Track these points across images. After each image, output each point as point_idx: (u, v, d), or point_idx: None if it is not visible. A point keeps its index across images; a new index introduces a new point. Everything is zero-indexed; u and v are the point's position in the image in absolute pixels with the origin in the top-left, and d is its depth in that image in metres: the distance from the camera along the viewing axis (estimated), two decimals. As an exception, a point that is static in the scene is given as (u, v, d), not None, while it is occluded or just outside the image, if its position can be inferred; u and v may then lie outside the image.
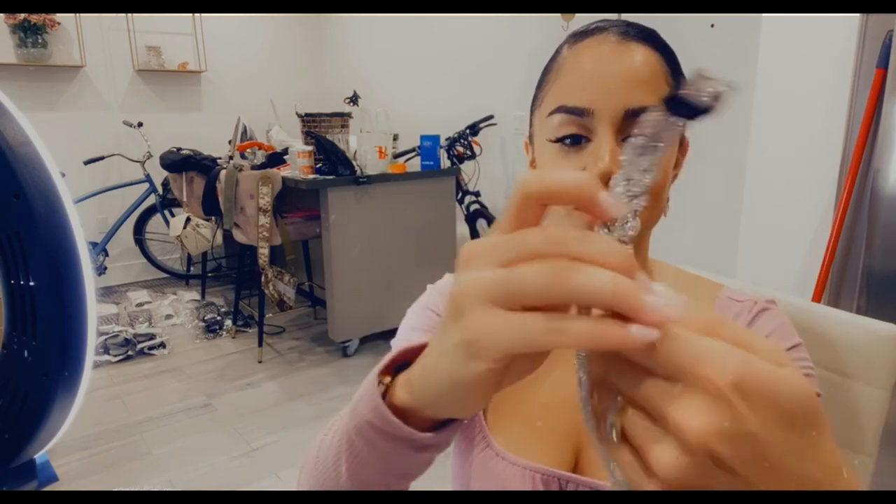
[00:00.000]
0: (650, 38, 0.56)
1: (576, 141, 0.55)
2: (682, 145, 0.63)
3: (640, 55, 0.55)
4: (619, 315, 0.25)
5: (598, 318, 0.25)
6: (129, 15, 4.05)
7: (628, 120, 0.53)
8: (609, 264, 0.25)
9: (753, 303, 0.62)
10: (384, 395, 0.37)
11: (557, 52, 0.60)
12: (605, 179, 0.52)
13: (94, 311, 0.54)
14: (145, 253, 4.29)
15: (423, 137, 3.13)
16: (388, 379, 0.38)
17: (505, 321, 0.27)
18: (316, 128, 3.06)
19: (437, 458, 0.41)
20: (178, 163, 3.49)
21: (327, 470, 0.45)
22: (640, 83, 0.53)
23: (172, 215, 4.05)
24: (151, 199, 4.11)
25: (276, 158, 3.15)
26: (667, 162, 0.56)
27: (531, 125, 0.63)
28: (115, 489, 1.99)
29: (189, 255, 4.21)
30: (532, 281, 0.26)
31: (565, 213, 0.30)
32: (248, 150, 3.33)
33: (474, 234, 3.37)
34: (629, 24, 0.57)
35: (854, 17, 1.58)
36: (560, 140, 0.56)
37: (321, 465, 0.46)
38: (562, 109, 0.55)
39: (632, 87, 0.53)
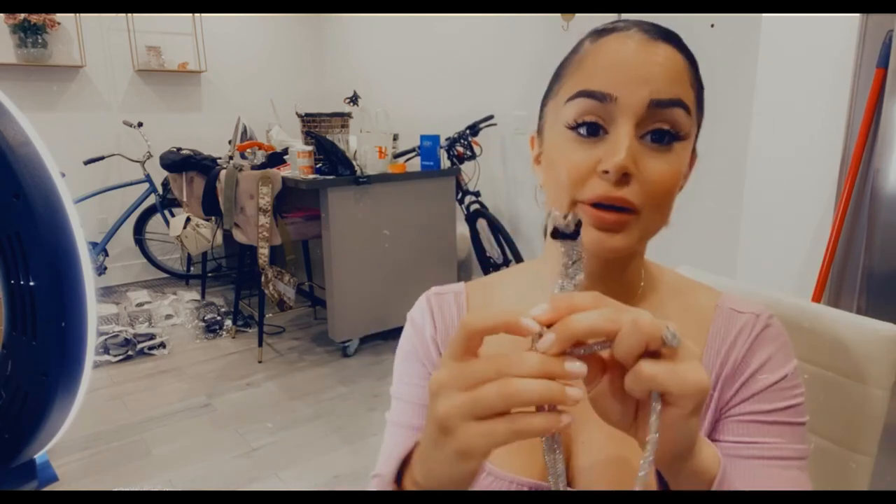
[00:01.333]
0: (675, 40, 0.56)
1: (592, 131, 0.53)
2: (692, 158, 0.62)
3: (668, 53, 0.54)
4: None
5: (541, 414, 0.37)
6: (129, 15, 4.05)
7: (651, 111, 0.51)
8: (536, 375, 0.36)
9: (756, 317, 0.61)
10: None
11: (578, 46, 0.58)
12: (620, 173, 0.51)
13: (94, 311, 0.54)
14: (145, 253, 4.29)
15: (423, 137, 3.13)
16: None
17: (483, 429, 0.37)
18: (316, 128, 3.06)
19: None
20: (178, 163, 3.49)
21: None
22: (666, 75, 0.52)
23: (172, 215, 4.05)
24: (151, 199, 4.11)
25: (276, 158, 3.15)
26: (682, 163, 0.55)
27: (542, 117, 0.61)
28: (115, 489, 1.99)
29: (189, 255, 4.21)
30: (492, 398, 0.36)
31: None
32: (248, 150, 3.33)
33: (474, 234, 3.37)
34: (654, 25, 0.56)
35: (854, 17, 1.58)
36: (577, 127, 0.54)
37: None
38: (583, 93, 0.53)
39: (657, 78, 0.52)
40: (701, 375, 0.38)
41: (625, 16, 2.33)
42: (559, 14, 2.84)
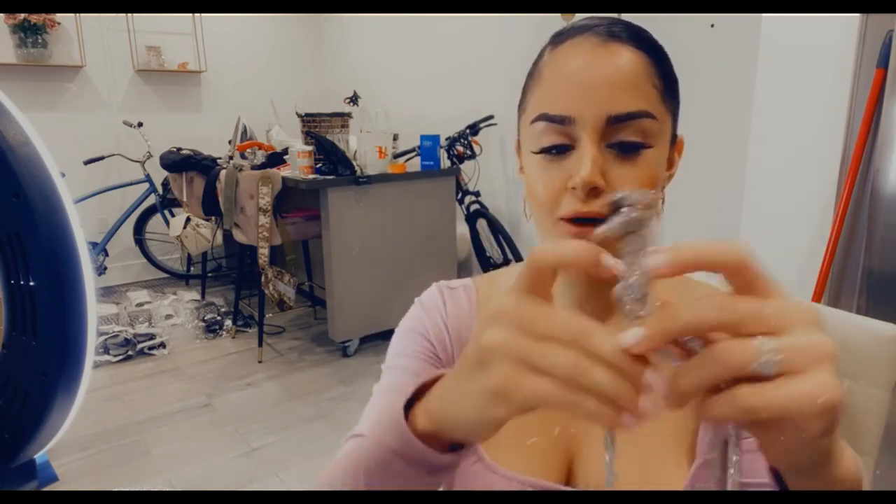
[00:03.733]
0: (635, 38, 0.54)
1: (560, 150, 0.53)
2: (677, 144, 0.60)
3: (623, 57, 0.52)
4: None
5: (599, 404, 0.31)
6: (129, 15, 4.05)
7: (611, 126, 0.51)
8: (611, 368, 0.31)
9: None
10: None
11: (540, 54, 0.58)
12: (588, 188, 0.50)
13: (94, 311, 0.54)
14: (145, 253, 4.29)
15: (423, 137, 3.13)
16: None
17: (531, 381, 0.32)
18: (316, 128, 3.06)
19: None
20: (178, 163, 3.49)
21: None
22: (623, 87, 0.51)
23: (172, 215, 4.05)
24: (151, 199, 4.11)
25: (276, 158, 3.15)
26: (655, 166, 0.54)
27: (518, 129, 0.61)
28: (115, 489, 1.99)
29: (189, 255, 4.21)
30: (556, 364, 0.31)
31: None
32: (248, 150, 3.33)
33: (474, 233, 3.37)
34: (613, 23, 0.54)
35: (854, 17, 1.58)
36: (543, 151, 0.54)
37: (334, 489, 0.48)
38: (543, 118, 0.53)
39: (613, 92, 0.51)
40: (827, 389, 0.29)
41: (579, 15, 2.33)
42: (559, 14, 2.84)
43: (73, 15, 3.86)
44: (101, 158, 3.83)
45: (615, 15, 2.44)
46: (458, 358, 0.65)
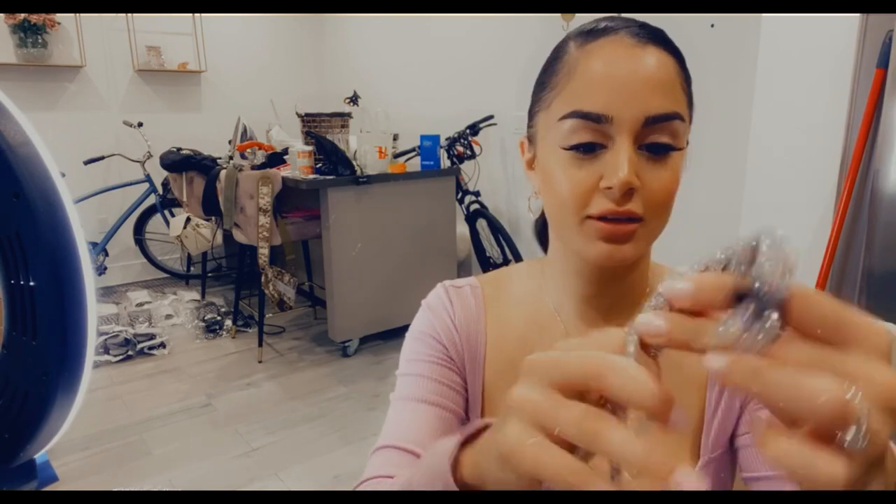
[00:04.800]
0: (663, 40, 0.54)
1: (590, 149, 0.53)
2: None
3: (656, 58, 0.52)
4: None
5: (608, 485, 0.27)
6: (129, 15, 4.05)
7: (646, 127, 0.51)
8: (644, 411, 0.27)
9: None
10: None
11: (564, 50, 0.57)
12: (624, 190, 0.51)
13: (95, 311, 0.54)
14: (145, 253, 4.29)
15: (423, 137, 3.13)
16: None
17: (533, 448, 0.29)
18: (316, 128, 3.06)
19: None
20: (178, 163, 3.49)
21: None
22: (659, 88, 0.52)
23: (172, 215, 4.05)
24: (151, 199, 4.11)
25: (276, 158, 3.15)
26: (679, 168, 0.55)
27: (533, 126, 0.60)
28: (116, 489, 1.99)
29: (189, 255, 4.21)
30: (567, 423, 0.28)
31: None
32: (248, 150, 3.33)
33: (474, 233, 3.36)
34: (640, 25, 0.55)
35: (854, 17, 1.58)
36: (574, 148, 0.53)
37: None
38: (577, 114, 0.52)
39: (651, 93, 0.51)
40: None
41: (580, 16, 2.32)
42: (559, 14, 2.84)
43: (73, 15, 3.86)
44: (101, 158, 3.83)
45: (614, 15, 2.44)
46: (468, 357, 0.66)
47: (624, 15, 0.56)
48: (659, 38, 0.54)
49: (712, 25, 2.27)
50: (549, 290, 0.66)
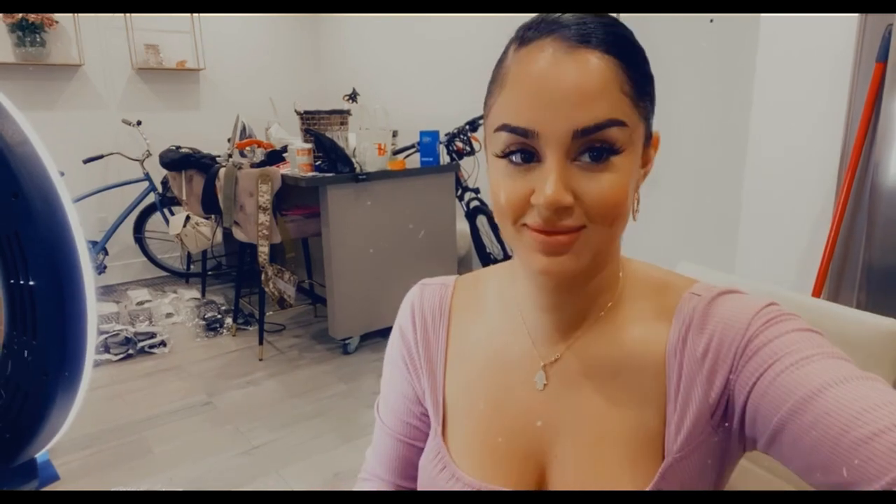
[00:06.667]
0: (605, 40, 0.50)
1: (524, 158, 0.51)
2: (652, 141, 0.56)
3: (590, 64, 0.49)
4: None
5: None
6: (128, 14, 4.04)
7: (577, 139, 0.49)
8: None
9: (710, 290, 0.57)
10: None
11: (504, 54, 0.55)
12: (552, 207, 0.49)
13: (95, 310, 0.54)
14: (145, 251, 4.29)
15: (422, 133, 3.13)
16: None
17: None
18: (315, 125, 3.06)
19: None
20: (177, 161, 3.48)
21: None
22: (590, 97, 0.48)
23: (172, 214, 4.05)
24: (151, 198, 4.11)
25: (276, 156, 3.15)
26: (627, 172, 0.51)
27: (484, 129, 0.58)
28: (116, 488, 1.99)
29: (189, 253, 4.21)
30: None
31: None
32: (248, 148, 3.33)
33: (474, 230, 3.36)
34: (582, 23, 0.50)
35: (853, 14, 1.57)
36: (506, 156, 0.52)
37: None
38: (506, 128, 0.51)
39: (578, 105, 0.48)
40: None
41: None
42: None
43: (71, 13, 3.85)
44: (101, 157, 3.82)
45: (614, 15, 2.44)
46: (425, 363, 0.67)
47: (622, 16, 0.54)
48: (594, 39, 0.49)
49: (711, 20, 2.27)
50: (517, 296, 0.64)
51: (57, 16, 3.80)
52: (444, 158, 3.25)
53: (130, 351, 3.05)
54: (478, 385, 0.64)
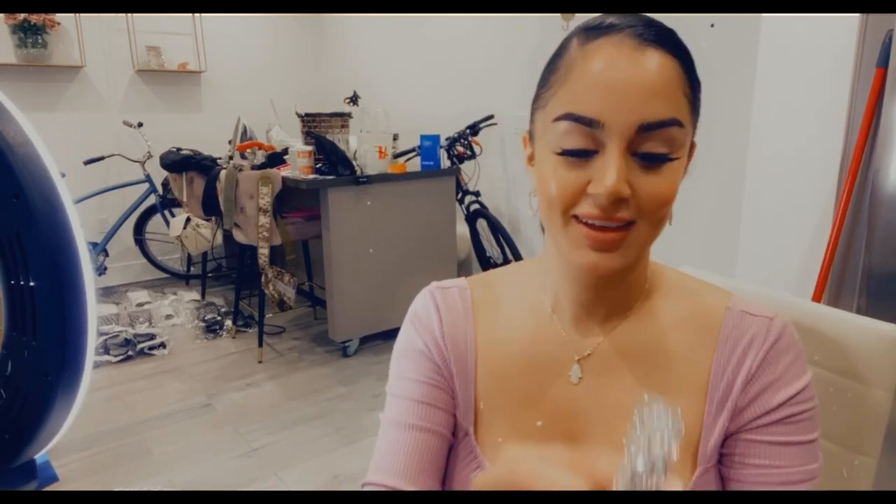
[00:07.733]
0: (668, 42, 0.52)
1: (582, 154, 0.52)
2: (691, 149, 0.59)
3: (657, 62, 0.50)
4: None
5: None
6: (129, 15, 4.05)
7: (640, 134, 0.50)
8: None
9: (769, 321, 0.59)
10: None
11: (566, 48, 0.55)
12: (612, 198, 0.50)
13: (94, 311, 0.54)
14: (145, 253, 4.29)
15: (423, 137, 3.13)
16: None
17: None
18: (316, 128, 3.06)
19: None
20: (178, 163, 3.49)
21: None
22: (655, 94, 0.50)
23: (172, 215, 4.05)
24: (151, 200, 4.11)
25: (276, 158, 3.15)
26: (677, 177, 0.53)
27: (532, 121, 0.59)
28: (116, 489, 1.99)
29: (189, 255, 4.20)
30: None
31: None
32: (248, 150, 3.33)
33: (474, 234, 3.36)
34: (646, 25, 0.52)
35: (854, 17, 1.58)
36: (564, 154, 0.52)
37: None
38: (570, 117, 0.51)
39: (646, 100, 0.50)
40: None
41: (579, 16, 2.32)
42: (559, 14, 2.84)
43: (72, 15, 3.86)
44: (101, 158, 3.83)
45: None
46: (455, 363, 0.65)
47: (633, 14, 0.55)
48: (664, 40, 0.52)
49: (712, 25, 2.27)
50: (547, 291, 0.64)
51: (58, 17, 3.80)
52: (445, 162, 3.25)
53: (130, 352, 3.04)
54: (510, 383, 0.64)
